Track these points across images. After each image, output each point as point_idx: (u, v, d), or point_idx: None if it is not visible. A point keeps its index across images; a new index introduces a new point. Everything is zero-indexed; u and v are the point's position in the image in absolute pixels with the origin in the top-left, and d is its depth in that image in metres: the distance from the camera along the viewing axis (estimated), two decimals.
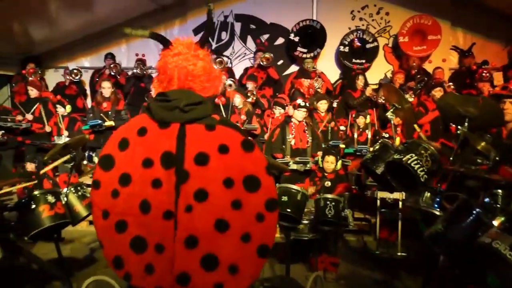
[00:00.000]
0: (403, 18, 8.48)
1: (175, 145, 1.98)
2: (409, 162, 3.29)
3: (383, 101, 7.31)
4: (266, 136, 6.76)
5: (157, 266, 1.96)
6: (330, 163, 5.35)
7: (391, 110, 4.24)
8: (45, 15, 8.14)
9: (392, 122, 4.35)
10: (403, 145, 3.59)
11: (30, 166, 6.79)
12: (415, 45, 8.34)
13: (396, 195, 4.84)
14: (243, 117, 6.91)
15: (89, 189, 4.16)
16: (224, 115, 6.83)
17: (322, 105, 7.00)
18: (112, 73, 8.21)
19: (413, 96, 7.15)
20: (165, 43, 2.11)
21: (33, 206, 3.44)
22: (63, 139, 7.01)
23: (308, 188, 5.17)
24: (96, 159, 6.84)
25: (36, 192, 3.52)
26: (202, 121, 2.01)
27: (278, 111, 7.09)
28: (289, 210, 3.98)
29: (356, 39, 8.54)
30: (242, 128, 6.55)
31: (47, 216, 3.45)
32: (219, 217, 1.94)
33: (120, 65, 8.41)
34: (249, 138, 2.06)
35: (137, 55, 8.47)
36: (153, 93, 2.21)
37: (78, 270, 4.75)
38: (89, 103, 9.41)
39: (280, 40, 9.11)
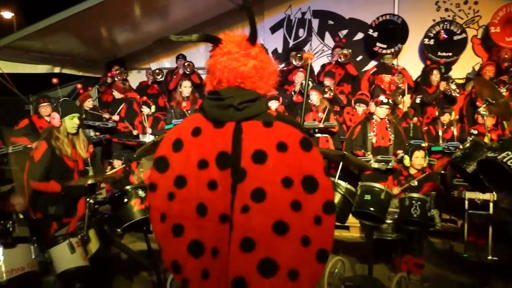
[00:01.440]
0: (494, 7, 7.88)
1: (230, 145, 1.90)
2: (505, 160, 3.08)
3: (457, 95, 6.95)
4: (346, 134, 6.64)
5: (212, 271, 1.88)
6: (421, 158, 5.13)
7: (484, 105, 3.99)
8: (129, 20, 8.56)
9: (484, 118, 4.10)
10: (498, 142, 3.37)
11: (117, 163, 7.16)
12: (508, 35, 7.72)
13: (487, 195, 4.57)
14: (321, 114, 6.82)
15: None
16: (302, 114, 6.77)
17: (406, 101, 6.78)
18: (187, 72, 8.40)
19: (505, 90, 6.70)
20: (215, 41, 2.00)
21: (126, 200, 3.63)
22: (147, 137, 7.32)
23: (393, 189, 5.02)
24: None
25: (128, 187, 3.71)
26: (259, 117, 1.92)
27: (361, 109, 6.95)
28: (372, 209, 3.89)
29: (442, 31, 8.08)
30: (306, 124, 6.48)
31: (138, 210, 3.62)
32: (278, 219, 1.82)
33: (193, 64, 8.61)
34: (308, 136, 1.95)
35: None
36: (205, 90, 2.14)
37: (162, 262, 4.95)
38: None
39: (359, 35, 8.87)
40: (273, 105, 6.70)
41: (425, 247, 5.07)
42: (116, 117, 7.77)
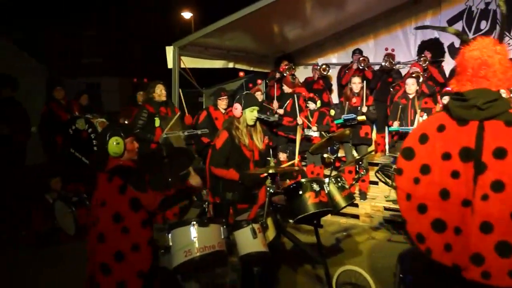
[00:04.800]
0: None
1: (474, 141, 2.17)
2: None
3: None
4: None
5: (454, 245, 2.20)
6: None
7: None
8: (300, 16, 8.72)
9: None
10: None
11: (283, 156, 7.40)
12: None
13: None
14: None
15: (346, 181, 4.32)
16: None
17: None
18: (361, 67, 8.22)
19: None
20: (466, 39, 2.39)
21: (300, 192, 3.68)
22: (312, 132, 7.39)
23: None
24: (339, 153, 7.02)
25: (303, 180, 3.76)
26: (500, 117, 2.15)
27: None
28: None
29: None
30: None
31: (312, 203, 3.65)
32: None
33: (368, 59, 8.38)
34: None
35: (386, 49, 8.35)
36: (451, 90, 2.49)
37: (326, 257, 4.96)
38: (333, 98, 9.76)
39: None
40: None
41: None
42: (280, 111, 7.99)
